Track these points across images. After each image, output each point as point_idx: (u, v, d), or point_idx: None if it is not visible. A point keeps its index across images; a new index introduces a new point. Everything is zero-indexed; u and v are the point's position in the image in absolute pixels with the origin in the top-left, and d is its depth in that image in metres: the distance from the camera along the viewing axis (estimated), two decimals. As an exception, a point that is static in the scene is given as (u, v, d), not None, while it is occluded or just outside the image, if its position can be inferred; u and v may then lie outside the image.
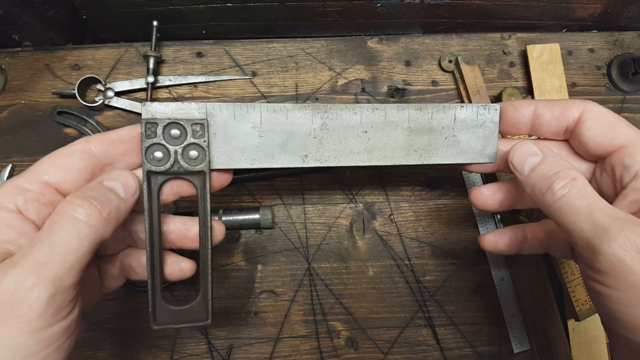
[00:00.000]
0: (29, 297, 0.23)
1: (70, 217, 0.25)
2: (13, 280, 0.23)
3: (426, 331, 0.46)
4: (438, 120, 0.34)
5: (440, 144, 0.34)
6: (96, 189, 0.27)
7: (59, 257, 0.24)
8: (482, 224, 0.47)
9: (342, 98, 0.50)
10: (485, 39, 0.52)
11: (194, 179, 0.31)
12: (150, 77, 0.47)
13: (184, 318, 0.31)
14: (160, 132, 0.30)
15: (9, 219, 0.26)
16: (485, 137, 0.35)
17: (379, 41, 0.52)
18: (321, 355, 0.45)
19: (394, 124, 0.34)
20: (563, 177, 0.29)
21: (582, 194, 0.28)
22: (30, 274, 0.23)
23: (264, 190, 0.47)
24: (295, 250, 0.46)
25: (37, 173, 0.27)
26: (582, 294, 0.43)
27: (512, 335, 0.45)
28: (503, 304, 0.46)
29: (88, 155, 0.29)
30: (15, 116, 0.48)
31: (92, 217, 0.26)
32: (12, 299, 0.23)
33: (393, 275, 0.46)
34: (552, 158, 0.31)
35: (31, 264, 0.23)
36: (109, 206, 0.27)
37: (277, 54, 0.51)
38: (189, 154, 0.30)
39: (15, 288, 0.23)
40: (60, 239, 0.24)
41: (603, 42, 0.53)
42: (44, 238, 0.24)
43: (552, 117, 0.33)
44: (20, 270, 0.23)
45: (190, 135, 0.30)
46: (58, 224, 0.25)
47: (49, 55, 0.49)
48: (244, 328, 0.45)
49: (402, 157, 0.34)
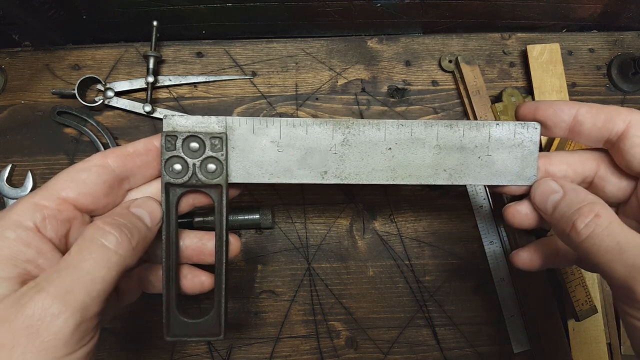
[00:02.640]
0: (54, 325, 0.22)
1: (100, 244, 0.25)
2: (39, 306, 0.22)
3: (426, 331, 0.46)
4: (470, 138, 0.32)
5: (472, 164, 0.32)
6: (125, 216, 0.27)
7: (87, 285, 0.23)
8: (482, 223, 0.47)
9: (342, 98, 0.50)
10: (485, 39, 0.52)
11: (211, 192, 0.31)
12: (150, 77, 0.47)
13: (197, 331, 0.31)
14: (180, 145, 0.30)
15: (27, 237, 0.25)
16: (523, 157, 0.32)
17: (379, 41, 0.52)
18: (321, 355, 0.45)
19: (421, 141, 0.32)
20: (586, 214, 0.27)
21: (609, 232, 0.26)
22: (57, 301, 0.22)
23: (264, 190, 0.47)
24: (295, 250, 0.46)
25: (54, 189, 0.27)
26: (582, 294, 0.43)
27: (512, 335, 0.45)
28: (503, 304, 0.46)
29: (105, 170, 0.28)
30: (15, 116, 0.48)
31: (121, 246, 0.25)
32: (38, 325, 0.22)
33: (393, 275, 0.46)
34: (573, 193, 0.29)
35: (58, 290, 0.23)
36: (138, 235, 0.26)
37: (277, 54, 0.51)
38: (207, 167, 0.30)
39: (41, 314, 0.22)
40: (89, 266, 0.24)
41: (603, 42, 0.53)
42: (72, 264, 0.24)
43: (593, 126, 0.30)
44: (47, 296, 0.23)
45: (209, 149, 0.30)
46: (87, 251, 0.24)
47: (49, 55, 0.49)
48: (244, 328, 0.45)
49: (430, 177, 0.32)
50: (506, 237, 0.47)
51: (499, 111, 0.47)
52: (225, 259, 0.31)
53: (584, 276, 0.44)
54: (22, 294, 0.23)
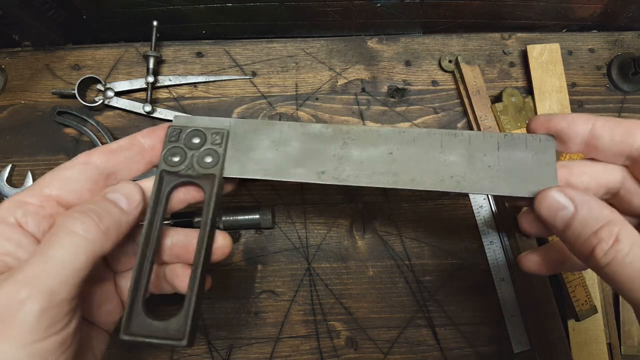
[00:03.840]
0: (21, 311, 0.22)
1: (67, 230, 0.25)
2: (6, 293, 0.22)
3: (426, 331, 0.46)
4: (477, 146, 0.31)
5: (483, 172, 0.30)
6: (97, 202, 0.27)
7: (52, 270, 0.23)
8: (482, 223, 0.47)
9: (342, 98, 0.50)
10: (485, 39, 0.52)
11: (204, 183, 0.31)
12: (150, 77, 0.47)
13: (158, 333, 0.28)
14: (183, 138, 0.31)
15: (7, 232, 0.26)
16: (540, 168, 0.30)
17: (379, 41, 0.52)
18: (321, 355, 0.45)
19: (425, 146, 0.31)
20: (605, 240, 0.25)
21: (631, 258, 0.24)
22: (23, 287, 0.22)
23: (264, 190, 0.47)
24: (295, 250, 0.46)
25: (38, 187, 0.28)
26: (582, 294, 0.43)
27: (512, 335, 0.45)
28: (503, 304, 0.46)
29: (89, 167, 0.29)
30: (15, 116, 0.48)
31: (89, 230, 0.25)
32: (5, 312, 0.22)
33: (393, 275, 0.46)
34: (587, 210, 0.26)
35: (25, 276, 0.23)
36: (109, 219, 0.26)
37: (277, 54, 0.51)
38: (204, 159, 0.31)
39: (8, 301, 0.22)
40: (55, 251, 0.24)
41: (603, 42, 0.53)
42: (40, 252, 0.24)
43: (611, 140, 0.28)
44: (14, 283, 0.23)
45: (210, 142, 0.31)
46: (55, 237, 0.25)
47: (49, 55, 0.49)
48: (244, 328, 0.45)
49: (436, 183, 0.30)
50: (506, 237, 0.47)
51: (499, 111, 0.47)
52: (204, 255, 0.29)
53: (584, 276, 0.44)
54: None
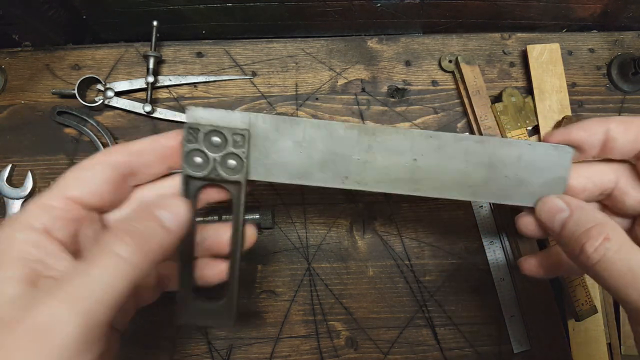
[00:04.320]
0: (61, 331, 0.22)
1: (112, 252, 0.24)
2: (47, 310, 0.22)
3: (426, 331, 0.46)
4: (500, 156, 0.31)
5: (499, 182, 0.31)
6: (144, 220, 0.26)
7: (95, 292, 0.23)
8: (482, 223, 0.47)
9: (342, 98, 0.50)
10: (485, 39, 0.52)
11: (230, 187, 0.31)
12: (150, 77, 0.47)
13: (207, 318, 0.32)
14: (202, 139, 0.29)
15: (36, 238, 0.25)
16: (552, 180, 0.31)
17: (379, 41, 0.52)
18: (321, 356, 0.45)
19: (449, 155, 0.31)
20: (595, 237, 0.26)
21: (620, 255, 0.25)
22: (65, 307, 0.22)
23: (264, 190, 0.47)
24: (295, 250, 0.46)
25: (61, 189, 0.27)
26: (582, 294, 0.43)
27: (512, 335, 0.45)
28: (503, 304, 0.46)
29: (110, 167, 0.28)
30: (15, 116, 0.48)
31: (134, 256, 0.25)
32: (43, 329, 0.22)
33: (393, 275, 0.46)
34: (581, 211, 0.28)
35: (67, 297, 0.23)
36: (154, 243, 0.26)
37: (277, 54, 0.51)
38: (227, 163, 0.30)
39: (49, 319, 0.22)
40: (98, 273, 0.24)
41: (603, 42, 0.53)
42: (83, 271, 0.24)
43: (626, 141, 0.29)
44: (55, 302, 0.23)
45: (231, 145, 0.29)
46: (99, 258, 0.24)
47: (49, 55, 0.49)
48: (244, 328, 0.45)
49: (454, 191, 0.31)
50: (506, 237, 0.47)
51: (499, 111, 0.47)
52: (239, 251, 0.32)
53: (584, 276, 0.44)
54: (31, 297, 0.23)
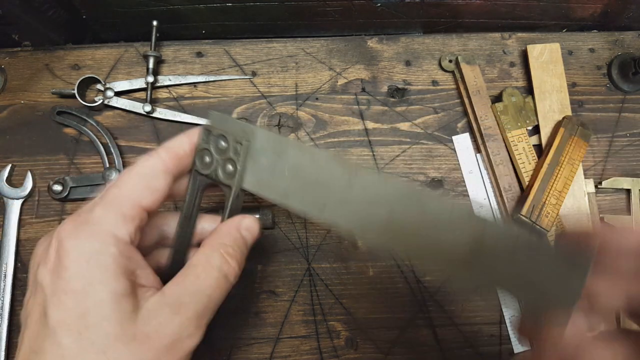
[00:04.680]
0: (188, 345, 0.26)
1: (222, 275, 0.29)
2: (178, 326, 0.26)
3: (426, 331, 0.46)
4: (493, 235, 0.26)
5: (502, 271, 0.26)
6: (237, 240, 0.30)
7: (211, 312, 0.28)
8: (482, 224, 0.47)
9: (342, 98, 0.50)
10: (485, 39, 0.52)
11: (225, 190, 0.33)
12: (150, 77, 0.47)
13: None
14: (212, 141, 0.31)
15: (127, 251, 0.27)
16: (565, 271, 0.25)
17: (379, 41, 0.52)
18: (321, 356, 0.45)
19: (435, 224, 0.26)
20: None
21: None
22: (192, 324, 0.26)
23: (264, 190, 0.47)
24: (295, 250, 0.46)
25: (135, 199, 0.28)
26: (583, 294, 0.43)
27: (512, 335, 0.45)
28: (503, 304, 0.46)
29: (169, 175, 0.30)
30: (15, 116, 0.48)
31: (234, 276, 0.29)
32: (175, 344, 0.26)
33: (393, 276, 0.46)
34: None
35: (193, 314, 0.27)
36: (242, 260, 0.31)
37: (277, 54, 0.51)
38: (226, 167, 0.31)
39: (179, 334, 0.26)
40: (214, 295, 0.28)
41: (603, 42, 0.53)
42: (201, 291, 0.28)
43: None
44: (184, 319, 0.26)
45: (231, 151, 0.31)
46: (212, 279, 0.28)
47: (49, 55, 0.49)
48: (244, 328, 0.45)
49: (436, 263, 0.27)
50: (506, 237, 0.47)
51: (499, 111, 0.47)
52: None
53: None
54: (157, 314, 0.26)
